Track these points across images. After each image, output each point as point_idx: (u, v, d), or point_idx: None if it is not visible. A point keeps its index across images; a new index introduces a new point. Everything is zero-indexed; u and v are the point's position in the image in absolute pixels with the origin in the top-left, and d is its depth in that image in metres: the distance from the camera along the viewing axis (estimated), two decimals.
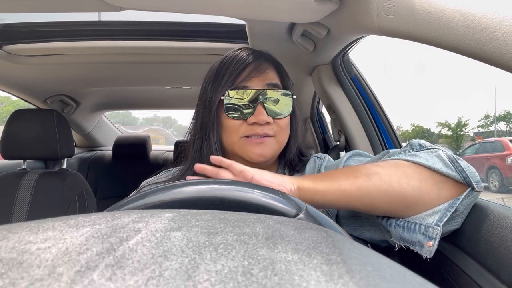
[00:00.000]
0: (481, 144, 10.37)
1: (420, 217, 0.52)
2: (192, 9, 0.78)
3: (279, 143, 0.65)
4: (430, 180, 0.51)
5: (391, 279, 0.16)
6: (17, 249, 0.16)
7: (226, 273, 0.15)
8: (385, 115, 1.08)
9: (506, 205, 0.56)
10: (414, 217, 0.52)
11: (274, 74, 0.67)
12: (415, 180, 0.50)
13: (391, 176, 0.50)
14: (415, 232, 0.51)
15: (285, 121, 0.65)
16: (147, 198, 0.35)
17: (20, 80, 1.49)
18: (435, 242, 0.50)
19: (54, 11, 0.82)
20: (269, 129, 0.62)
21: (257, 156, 0.62)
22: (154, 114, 69.94)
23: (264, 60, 0.66)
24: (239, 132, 0.63)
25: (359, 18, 0.67)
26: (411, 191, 0.50)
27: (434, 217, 0.51)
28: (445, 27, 0.46)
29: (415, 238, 0.52)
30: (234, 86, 0.63)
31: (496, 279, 0.49)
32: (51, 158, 1.40)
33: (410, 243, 0.52)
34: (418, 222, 0.52)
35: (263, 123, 0.61)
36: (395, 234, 0.55)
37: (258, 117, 0.61)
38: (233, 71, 0.63)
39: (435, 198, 0.51)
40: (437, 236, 0.50)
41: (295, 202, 0.35)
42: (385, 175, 0.50)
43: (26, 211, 1.28)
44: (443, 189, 0.51)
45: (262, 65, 0.65)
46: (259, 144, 0.62)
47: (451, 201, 0.51)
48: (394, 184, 0.50)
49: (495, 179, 9.16)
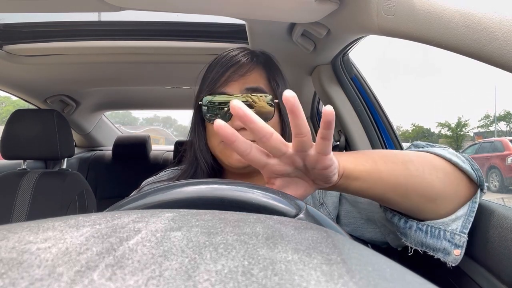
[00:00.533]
0: (481, 144, 10.38)
1: (444, 223, 0.50)
2: (192, 9, 0.78)
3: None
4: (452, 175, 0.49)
5: (391, 279, 0.16)
6: (17, 249, 0.16)
7: (226, 273, 0.15)
8: (385, 115, 1.08)
9: (506, 205, 0.56)
10: (438, 222, 0.50)
11: (257, 76, 0.64)
12: (441, 173, 0.49)
13: (424, 166, 0.48)
14: (440, 239, 0.49)
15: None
16: (147, 198, 0.35)
17: (20, 80, 1.49)
18: (463, 251, 0.48)
19: (54, 11, 0.82)
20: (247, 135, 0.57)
21: (236, 162, 0.60)
22: (154, 114, 70.00)
23: (248, 62, 0.64)
24: (218, 136, 0.61)
25: (359, 18, 0.67)
26: (438, 183, 0.48)
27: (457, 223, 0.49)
28: (445, 27, 0.46)
29: (439, 244, 0.50)
30: (212, 91, 0.62)
31: (496, 279, 0.49)
32: (51, 158, 1.40)
33: (433, 249, 0.50)
34: (443, 228, 0.50)
35: (239, 129, 0.58)
36: (414, 238, 0.52)
37: (233, 123, 0.58)
38: (214, 76, 0.63)
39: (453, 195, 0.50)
40: (464, 244, 0.48)
41: (295, 202, 0.35)
42: (419, 164, 0.48)
43: (26, 211, 1.28)
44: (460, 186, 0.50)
45: (243, 68, 0.62)
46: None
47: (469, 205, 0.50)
48: (426, 174, 0.48)
49: (495, 179, 9.16)
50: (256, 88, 0.62)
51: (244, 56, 0.65)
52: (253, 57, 0.66)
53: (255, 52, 0.68)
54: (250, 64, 0.64)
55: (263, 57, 0.68)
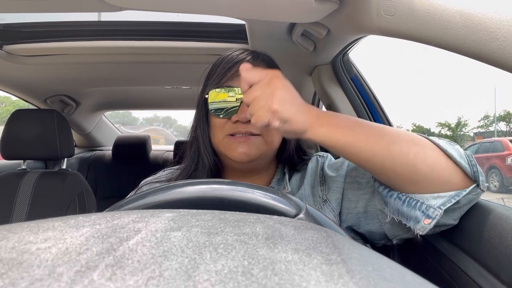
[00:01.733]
0: (481, 144, 10.37)
1: (423, 197, 0.52)
2: (192, 9, 0.78)
3: (268, 143, 0.63)
4: (444, 164, 0.51)
5: (391, 279, 0.16)
6: (17, 249, 0.16)
7: (226, 273, 0.15)
8: (385, 115, 1.08)
9: (506, 205, 0.56)
10: (418, 195, 0.52)
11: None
12: (431, 159, 0.50)
13: (410, 149, 0.50)
14: (415, 209, 0.52)
15: None
16: (147, 198, 0.35)
17: (20, 80, 1.49)
18: (433, 222, 0.50)
19: (54, 11, 0.82)
20: (253, 127, 0.61)
21: (241, 155, 0.60)
22: (154, 114, 69.96)
23: (254, 60, 0.66)
24: (223, 131, 0.62)
25: (359, 18, 0.67)
26: (424, 168, 0.50)
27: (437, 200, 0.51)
28: (445, 27, 0.46)
29: (412, 213, 0.52)
30: (218, 85, 0.63)
31: (496, 279, 0.49)
32: (51, 158, 1.40)
33: (405, 217, 0.53)
34: (421, 201, 0.51)
35: (245, 121, 0.60)
36: (392, 206, 0.55)
37: (240, 115, 0.60)
38: (220, 71, 0.64)
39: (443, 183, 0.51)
40: (437, 217, 0.50)
41: (295, 202, 0.35)
42: (406, 146, 0.50)
43: (26, 211, 1.28)
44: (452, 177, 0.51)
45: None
46: (242, 143, 0.61)
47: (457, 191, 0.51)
48: (411, 156, 0.49)
49: (495, 179, 9.16)
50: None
51: (249, 55, 0.67)
52: (258, 55, 0.68)
53: (258, 52, 0.69)
54: (255, 63, 0.65)
55: (265, 57, 0.70)
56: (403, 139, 0.51)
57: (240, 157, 0.61)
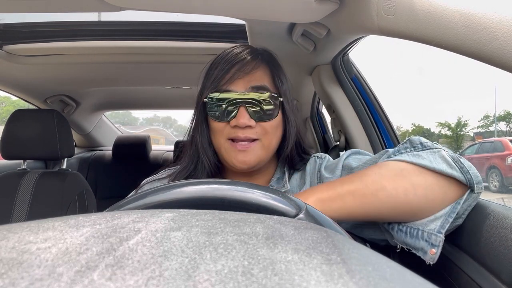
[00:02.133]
0: (481, 144, 10.37)
1: (422, 223, 0.52)
2: (192, 9, 0.78)
3: (266, 147, 0.63)
4: (435, 185, 0.51)
5: (391, 279, 0.16)
6: (17, 249, 0.16)
7: (226, 273, 0.15)
8: (385, 115, 1.08)
9: (506, 205, 0.56)
10: (416, 223, 0.52)
11: (262, 74, 0.64)
12: (421, 188, 0.50)
13: (398, 189, 0.50)
14: (418, 239, 0.52)
15: (271, 124, 0.63)
16: (147, 198, 0.35)
17: (20, 80, 1.49)
18: (438, 250, 0.50)
19: (54, 11, 0.82)
20: (251, 133, 0.61)
21: (240, 164, 0.61)
22: (154, 114, 69.95)
23: (253, 59, 0.64)
24: (223, 134, 0.62)
25: (359, 18, 0.67)
26: (418, 200, 0.50)
27: (436, 223, 0.51)
28: (445, 27, 0.46)
29: (418, 244, 0.52)
30: (217, 89, 0.62)
31: (496, 279, 0.49)
32: (51, 158, 1.40)
33: (414, 248, 0.53)
34: (421, 229, 0.52)
35: (244, 126, 0.60)
36: (397, 238, 0.55)
37: (238, 120, 0.60)
38: (219, 73, 0.63)
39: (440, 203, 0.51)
40: (440, 244, 0.50)
41: (295, 202, 0.35)
42: (392, 189, 0.50)
43: (26, 211, 1.28)
44: (448, 191, 0.51)
45: (248, 66, 0.63)
46: (242, 152, 0.61)
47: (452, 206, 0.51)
48: (401, 196, 0.50)
49: (495, 179, 9.15)
50: (261, 87, 0.63)
51: (249, 54, 0.64)
52: (258, 54, 0.66)
53: (258, 50, 0.68)
54: (254, 62, 0.64)
55: (266, 54, 0.68)
56: (386, 179, 0.51)
57: (239, 165, 0.61)
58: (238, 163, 0.61)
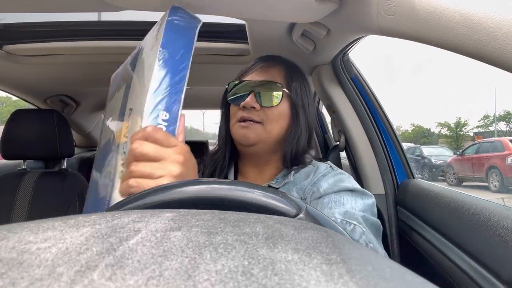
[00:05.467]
0: (481, 144, 10.37)
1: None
2: (191, 9, 0.78)
3: (268, 131, 0.71)
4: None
5: (391, 279, 0.16)
6: (17, 249, 0.16)
7: (226, 273, 0.15)
8: (385, 115, 1.08)
9: (506, 205, 0.56)
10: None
11: (278, 73, 0.74)
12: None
13: None
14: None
15: (274, 112, 0.71)
16: (147, 198, 0.35)
17: (20, 80, 1.49)
18: None
19: (54, 11, 0.82)
20: (254, 115, 0.70)
21: (241, 137, 0.70)
22: None
23: (274, 62, 0.76)
24: (235, 117, 0.72)
25: (359, 18, 0.67)
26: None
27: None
28: (445, 27, 0.46)
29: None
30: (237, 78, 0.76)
31: (496, 279, 0.49)
32: (51, 158, 1.40)
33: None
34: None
35: (248, 107, 0.70)
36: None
37: (245, 101, 0.70)
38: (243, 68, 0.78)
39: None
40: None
41: (295, 202, 0.35)
42: None
43: (26, 211, 1.28)
44: None
45: (267, 64, 0.75)
46: (245, 128, 0.70)
47: None
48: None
49: (495, 179, 9.16)
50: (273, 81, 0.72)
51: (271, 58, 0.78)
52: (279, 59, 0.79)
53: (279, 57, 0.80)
54: (273, 61, 0.77)
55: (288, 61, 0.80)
56: None
57: (241, 138, 0.70)
58: (240, 136, 0.70)
